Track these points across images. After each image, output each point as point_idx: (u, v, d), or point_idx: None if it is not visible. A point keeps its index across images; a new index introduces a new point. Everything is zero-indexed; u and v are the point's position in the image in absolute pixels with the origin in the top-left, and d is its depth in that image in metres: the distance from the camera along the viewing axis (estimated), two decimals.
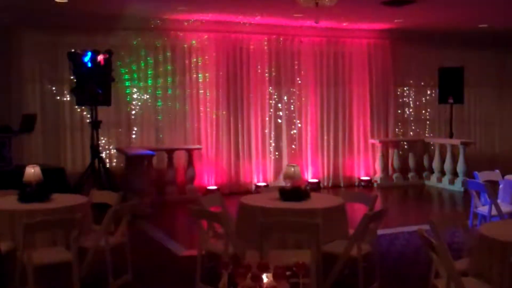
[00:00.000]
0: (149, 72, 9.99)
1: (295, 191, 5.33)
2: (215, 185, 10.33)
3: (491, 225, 4.84)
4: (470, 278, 3.95)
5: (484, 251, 3.87)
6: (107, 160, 9.66)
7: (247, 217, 5.13)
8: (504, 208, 6.53)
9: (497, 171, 7.34)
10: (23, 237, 4.46)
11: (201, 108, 10.30)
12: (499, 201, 6.70)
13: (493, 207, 6.38)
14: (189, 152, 9.94)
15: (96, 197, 5.71)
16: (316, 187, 10.90)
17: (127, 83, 9.85)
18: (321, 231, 4.41)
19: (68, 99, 9.44)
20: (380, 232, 5.67)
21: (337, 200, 5.44)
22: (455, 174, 10.87)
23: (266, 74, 10.75)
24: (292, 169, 5.48)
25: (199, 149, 10.13)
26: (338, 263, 4.73)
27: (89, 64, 8.67)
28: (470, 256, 4.22)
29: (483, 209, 6.70)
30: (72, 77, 9.04)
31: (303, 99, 11.05)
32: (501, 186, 7.08)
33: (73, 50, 8.78)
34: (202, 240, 5.14)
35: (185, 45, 10.19)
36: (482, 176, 7.04)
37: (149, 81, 10.00)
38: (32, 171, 5.34)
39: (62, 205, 5.12)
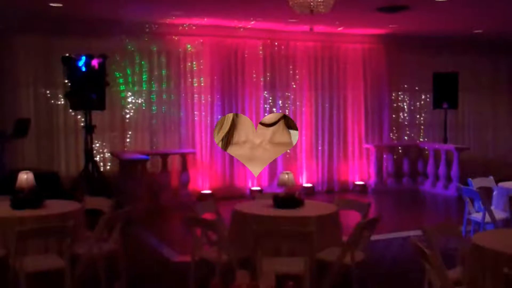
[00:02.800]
0: (143, 77, 9.96)
1: (289, 199, 5.34)
2: (209, 189, 10.31)
3: (484, 234, 4.84)
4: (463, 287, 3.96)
5: (477, 260, 3.87)
6: (101, 164, 9.63)
7: (241, 224, 5.13)
8: (498, 215, 6.55)
9: (491, 177, 7.34)
10: (16, 244, 4.44)
11: (195, 113, 10.28)
12: (492, 207, 6.71)
13: (487, 214, 6.40)
14: (184, 156, 9.91)
15: (89, 203, 5.69)
16: (310, 191, 10.90)
17: (121, 88, 9.82)
18: (314, 239, 4.41)
19: (62, 103, 9.41)
20: (373, 238, 5.66)
21: (330, 207, 5.44)
22: (449, 179, 10.89)
23: (261, 79, 10.74)
24: (286, 176, 5.49)
25: (193, 153, 10.12)
26: (332, 271, 4.73)
27: (84, 69, 8.66)
28: (463, 265, 4.22)
29: (477, 216, 6.71)
30: (66, 82, 9.02)
31: (297, 103, 11.05)
32: (495, 193, 7.09)
33: (67, 55, 8.77)
34: (195, 247, 5.13)
35: (180, 50, 10.16)
36: (476, 183, 7.05)
37: (144, 86, 9.97)
38: (24, 177, 5.30)
39: (55, 212, 5.09)
